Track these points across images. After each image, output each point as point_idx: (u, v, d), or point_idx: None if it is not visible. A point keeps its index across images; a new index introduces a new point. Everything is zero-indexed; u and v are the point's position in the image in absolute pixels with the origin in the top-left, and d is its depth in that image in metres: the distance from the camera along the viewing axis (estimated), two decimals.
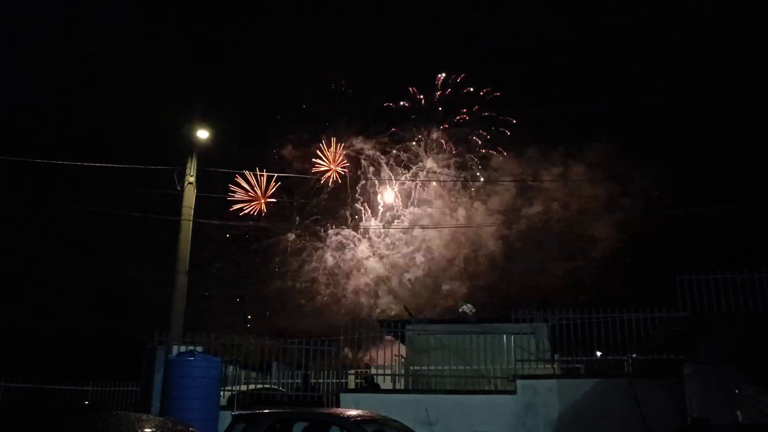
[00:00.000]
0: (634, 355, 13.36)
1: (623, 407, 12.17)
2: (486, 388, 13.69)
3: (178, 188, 17.04)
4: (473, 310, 16.80)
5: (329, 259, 38.94)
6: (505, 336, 14.16)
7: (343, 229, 39.02)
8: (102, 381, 22.09)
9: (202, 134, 17.56)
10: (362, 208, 39.34)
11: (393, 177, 39.30)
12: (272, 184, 37.34)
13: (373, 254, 38.99)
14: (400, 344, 15.64)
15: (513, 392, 12.96)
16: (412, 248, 38.66)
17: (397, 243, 38.99)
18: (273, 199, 37.94)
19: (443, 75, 39.54)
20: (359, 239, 39.17)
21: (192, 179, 17.11)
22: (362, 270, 38.81)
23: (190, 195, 17.03)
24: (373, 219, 39.50)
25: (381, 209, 39.55)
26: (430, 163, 39.76)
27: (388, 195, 39.73)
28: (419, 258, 38.38)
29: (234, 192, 37.14)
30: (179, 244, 16.56)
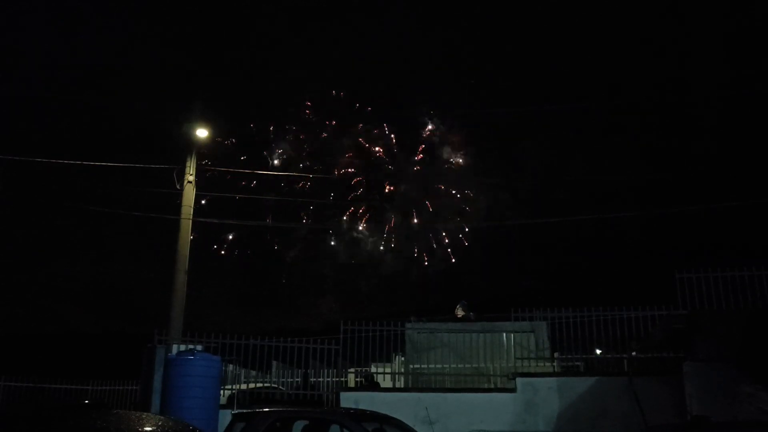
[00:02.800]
0: (633, 353, 13.38)
1: (623, 405, 12.18)
2: (486, 386, 13.69)
3: (178, 187, 17.02)
4: (464, 313, 16.60)
5: (342, 254, 38.23)
6: (504, 334, 14.17)
7: (358, 222, 38.29)
8: (102, 380, 22.11)
9: (202, 133, 17.53)
10: (378, 199, 38.60)
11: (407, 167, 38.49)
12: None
13: (389, 249, 38.27)
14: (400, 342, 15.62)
15: (513, 390, 12.97)
16: (432, 239, 37.82)
17: (415, 235, 38.20)
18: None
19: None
20: (374, 232, 38.34)
21: (191, 178, 17.08)
22: (378, 264, 38.10)
23: (189, 194, 17.01)
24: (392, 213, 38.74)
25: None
26: (445, 153, 39.07)
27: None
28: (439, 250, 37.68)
29: None
30: (179, 243, 16.54)
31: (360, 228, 38.43)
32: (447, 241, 38.26)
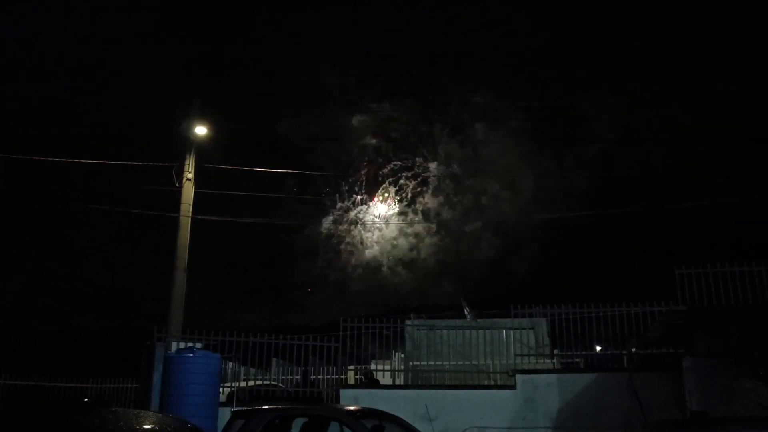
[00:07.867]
0: (633, 350, 13.38)
1: (623, 401, 12.19)
2: (485, 383, 13.70)
3: (177, 185, 17.00)
4: (470, 314, 16.64)
5: (368, 247, 37.16)
6: (504, 331, 14.17)
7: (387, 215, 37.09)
8: (101, 378, 22.12)
9: (201, 130, 17.51)
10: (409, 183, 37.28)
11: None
12: None
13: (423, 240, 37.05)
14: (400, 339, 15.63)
15: (512, 387, 12.97)
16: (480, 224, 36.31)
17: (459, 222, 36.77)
18: None
19: None
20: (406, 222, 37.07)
21: (190, 176, 17.07)
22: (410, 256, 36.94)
23: (188, 191, 16.99)
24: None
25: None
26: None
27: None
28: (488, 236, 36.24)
29: None
30: (178, 241, 16.53)
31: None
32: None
